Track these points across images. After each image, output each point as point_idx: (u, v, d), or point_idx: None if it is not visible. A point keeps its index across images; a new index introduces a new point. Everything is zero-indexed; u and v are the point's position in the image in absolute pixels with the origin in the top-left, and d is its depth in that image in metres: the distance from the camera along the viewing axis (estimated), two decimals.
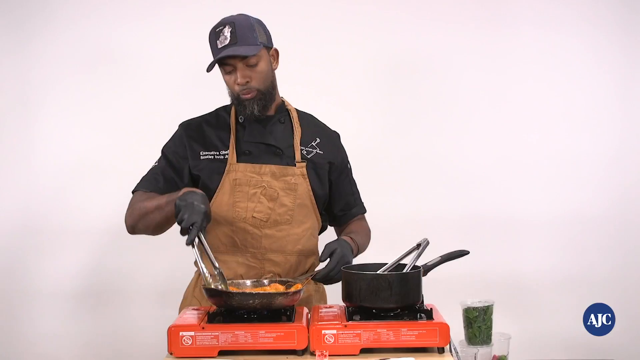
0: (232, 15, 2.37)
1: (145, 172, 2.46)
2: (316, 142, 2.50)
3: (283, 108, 2.50)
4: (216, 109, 2.53)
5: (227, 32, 2.31)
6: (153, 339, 3.19)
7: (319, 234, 2.55)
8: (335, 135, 2.60)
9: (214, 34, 2.34)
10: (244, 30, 2.32)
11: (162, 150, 2.48)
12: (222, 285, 2.15)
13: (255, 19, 2.39)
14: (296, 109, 2.54)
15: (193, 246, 2.10)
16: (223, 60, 2.32)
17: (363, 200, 2.64)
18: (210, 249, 2.19)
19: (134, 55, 3.33)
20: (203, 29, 2.42)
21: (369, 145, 3.32)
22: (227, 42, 2.30)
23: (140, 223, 2.34)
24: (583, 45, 3.36)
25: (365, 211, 2.63)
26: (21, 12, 3.31)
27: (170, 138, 2.50)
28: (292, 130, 2.48)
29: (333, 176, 2.52)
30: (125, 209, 2.40)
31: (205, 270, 2.13)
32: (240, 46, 2.30)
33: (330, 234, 2.58)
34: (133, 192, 2.44)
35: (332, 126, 2.61)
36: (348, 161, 2.60)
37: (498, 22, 3.36)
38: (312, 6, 3.34)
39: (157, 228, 2.35)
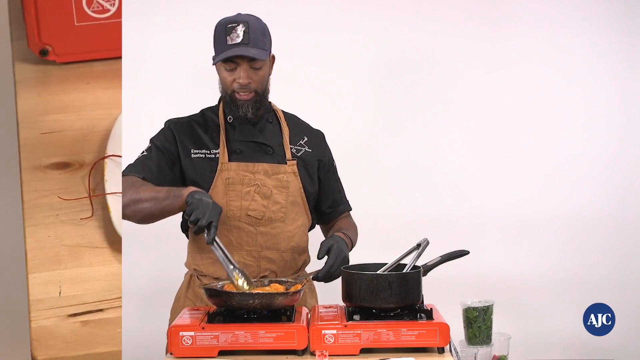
0: (245, 14, 2.36)
1: (133, 161, 2.38)
2: (304, 140, 2.51)
3: (270, 109, 2.51)
4: (201, 110, 2.50)
5: (240, 30, 2.30)
6: (142, 341, 3.19)
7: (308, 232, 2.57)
8: (320, 134, 2.61)
9: (225, 29, 2.32)
10: (256, 32, 2.32)
11: (153, 142, 2.42)
12: (248, 285, 2.14)
13: (264, 23, 2.39)
14: (282, 110, 2.55)
15: (213, 245, 2.11)
16: (229, 58, 2.32)
17: (364, 200, 2.66)
18: (205, 248, 2.18)
19: (132, 55, 3.32)
20: (197, 28, 2.40)
21: (370, 145, 3.31)
22: (239, 40, 2.29)
23: (129, 209, 2.25)
24: (583, 45, 3.36)
25: (351, 209, 2.65)
26: None
27: (160, 132, 2.45)
28: (281, 130, 2.50)
29: (321, 173, 2.54)
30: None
31: (231, 268, 2.13)
32: (253, 48, 2.30)
33: (317, 233, 2.59)
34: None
35: (334, 126, 2.62)
36: (333, 159, 2.61)
37: (496, 21, 3.35)
38: (301, 4, 3.31)
39: (146, 218, 2.27)
